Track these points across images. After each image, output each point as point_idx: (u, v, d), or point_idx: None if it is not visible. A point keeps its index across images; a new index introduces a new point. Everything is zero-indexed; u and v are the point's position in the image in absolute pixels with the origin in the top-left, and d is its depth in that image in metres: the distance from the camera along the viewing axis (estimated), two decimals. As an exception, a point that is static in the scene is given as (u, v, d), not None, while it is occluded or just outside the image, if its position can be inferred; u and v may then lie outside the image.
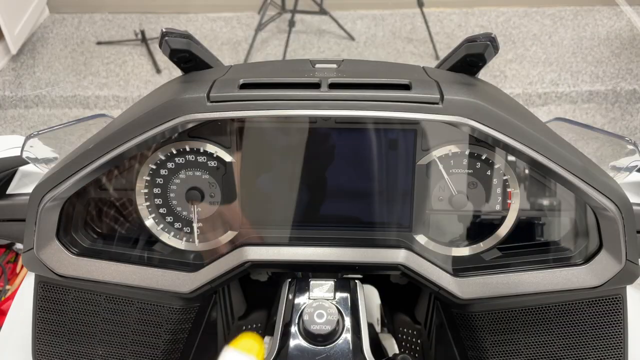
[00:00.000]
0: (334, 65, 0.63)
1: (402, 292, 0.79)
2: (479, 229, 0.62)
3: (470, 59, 0.61)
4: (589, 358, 0.60)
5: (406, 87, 0.55)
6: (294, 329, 0.55)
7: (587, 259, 0.58)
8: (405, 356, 0.61)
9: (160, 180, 0.61)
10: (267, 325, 0.81)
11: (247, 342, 0.49)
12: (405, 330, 0.78)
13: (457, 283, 0.59)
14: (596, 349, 0.60)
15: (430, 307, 0.71)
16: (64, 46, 3.28)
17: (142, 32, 3.16)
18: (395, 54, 3.14)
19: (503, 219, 0.62)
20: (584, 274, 0.58)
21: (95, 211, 0.64)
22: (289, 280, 0.62)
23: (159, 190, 0.62)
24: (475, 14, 3.51)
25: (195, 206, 0.62)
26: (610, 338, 0.59)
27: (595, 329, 0.59)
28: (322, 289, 0.59)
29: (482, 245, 0.62)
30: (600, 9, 3.49)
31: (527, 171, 0.61)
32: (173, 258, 0.63)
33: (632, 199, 0.67)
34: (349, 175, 0.60)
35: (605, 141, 0.74)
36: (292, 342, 0.54)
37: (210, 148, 0.60)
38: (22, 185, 0.84)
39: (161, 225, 0.63)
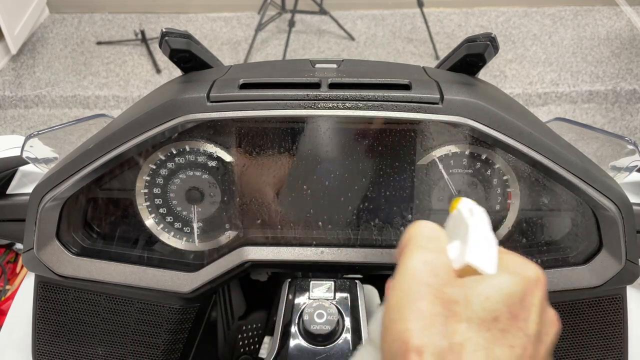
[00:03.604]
0: (334, 65, 0.63)
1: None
2: (479, 229, 0.62)
3: (470, 59, 0.61)
4: (589, 358, 0.60)
5: (406, 87, 0.55)
6: (293, 329, 0.55)
7: (587, 259, 0.58)
8: None
9: (160, 180, 0.61)
10: (267, 325, 0.82)
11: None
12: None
13: (457, 283, 0.59)
14: (596, 348, 0.60)
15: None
16: (64, 46, 3.28)
17: (142, 32, 3.16)
18: (395, 54, 3.14)
19: (503, 219, 0.62)
20: (584, 274, 0.58)
21: (95, 211, 0.64)
22: (289, 280, 0.62)
23: (158, 190, 0.62)
24: (475, 14, 3.51)
25: (195, 206, 0.62)
26: (610, 338, 0.59)
27: (595, 329, 0.59)
28: (322, 289, 0.59)
29: (482, 245, 0.62)
30: (600, 9, 3.49)
31: (527, 171, 0.61)
32: (173, 258, 0.63)
33: (632, 199, 0.67)
34: (349, 176, 0.60)
35: (605, 141, 0.74)
36: (292, 342, 0.54)
37: (210, 148, 0.60)
38: (22, 185, 0.84)
39: (161, 225, 0.63)
